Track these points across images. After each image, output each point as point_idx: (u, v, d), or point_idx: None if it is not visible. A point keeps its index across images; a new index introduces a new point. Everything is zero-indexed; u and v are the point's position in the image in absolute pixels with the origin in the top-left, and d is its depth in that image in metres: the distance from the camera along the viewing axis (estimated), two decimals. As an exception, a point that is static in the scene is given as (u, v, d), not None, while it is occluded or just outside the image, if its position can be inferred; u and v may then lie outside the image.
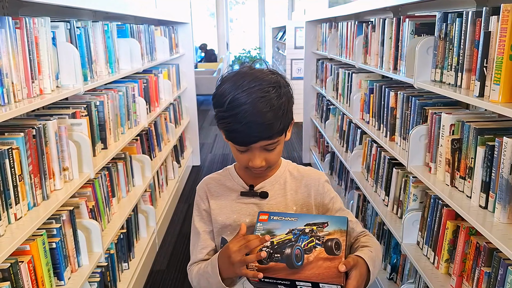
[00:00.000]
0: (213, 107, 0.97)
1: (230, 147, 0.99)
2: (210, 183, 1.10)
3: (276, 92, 0.92)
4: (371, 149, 2.40)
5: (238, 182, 1.07)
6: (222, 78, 0.97)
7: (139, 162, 2.48)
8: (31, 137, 1.38)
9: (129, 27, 2.48)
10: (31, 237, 1.37)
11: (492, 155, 1.27)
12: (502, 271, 1.20)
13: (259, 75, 0.93)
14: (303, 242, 0.91)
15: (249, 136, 0.91)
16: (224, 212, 1.05)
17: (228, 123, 0.90)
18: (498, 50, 1.16)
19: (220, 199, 1.07)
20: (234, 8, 12.66)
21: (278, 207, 1.05)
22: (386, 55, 2.14)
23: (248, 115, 0.88)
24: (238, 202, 1.05)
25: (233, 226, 1.04)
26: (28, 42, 1.36)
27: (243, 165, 0.99)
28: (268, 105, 0.90)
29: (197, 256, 1.07)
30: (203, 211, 1.08)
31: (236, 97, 0.89)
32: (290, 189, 1.07)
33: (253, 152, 0.95)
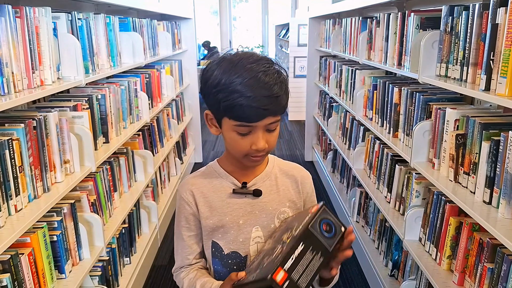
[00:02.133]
0: (205, 94, 0.91)
1: (226, 135, 0.92)
2: (195, 184, 1.01)
3: (276, 66, 0.90)
4: (374, 146, 2.38)
5: (228, 179, 1.00)
6: (209, 66, 0.92)
7: (141, 158, 2.47)
8: (32, 128, 1.38)
9: (131, 20, 2.47)
10: (32, 230, 1.37)
11: (497, 150, 1.25)
12: (506, 267, 1.18)
13: (252, 54, 0.91)
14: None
15: (257, 109, 0.85)
16: (215, 215, 0.98)
17: (234, 99, 0.85)
18: (506, 42, 1.15)
19: (209, 200, 0.99)
20: (238, 6, 12.65)
21: (271, 205, 1.00)
22: (390, 50, 2.12)
23: (255, 88, 0.84)
24: (230, 201, 0.99)
25: (226, 228, 0.98)
26: (29, 32, 1.35)
27: (242, 151, 0.92)
28: (272, 78, 0.87)
29: (184, 261, 1.03)
30: (190, 215, 1.00)
31: (238, 73, 0.85)
32: (282, 184, 1.03)
33: (256, 133, 0.89)
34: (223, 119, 0.90)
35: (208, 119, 0.96)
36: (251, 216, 0.99)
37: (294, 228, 0.86)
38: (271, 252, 0.85)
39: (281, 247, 0.83)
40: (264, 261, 0.85)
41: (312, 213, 0.85)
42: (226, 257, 0.99)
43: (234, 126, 0.89)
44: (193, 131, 4.30)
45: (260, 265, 0.85)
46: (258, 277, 0.80)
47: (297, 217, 0.94)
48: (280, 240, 0.87)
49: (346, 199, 2.93)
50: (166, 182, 3.18)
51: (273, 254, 0.83)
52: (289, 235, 0.85)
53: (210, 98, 0.90)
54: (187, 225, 1.01)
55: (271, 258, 0.82)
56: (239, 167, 0.99)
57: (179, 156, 3.70)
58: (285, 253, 0.79)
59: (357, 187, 2.66)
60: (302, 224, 0.84)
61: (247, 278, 0.84)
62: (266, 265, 0.82)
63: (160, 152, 2.97)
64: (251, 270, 0.87)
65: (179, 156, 3.70)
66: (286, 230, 0.90)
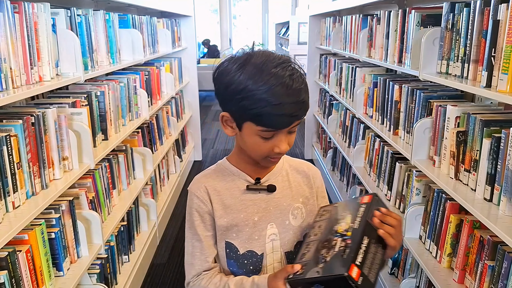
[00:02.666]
0: (225, 99, 0.88)
1: (247, 139, 0.89)
2: (207, 182, 0.98)
3: (297, 68, 0.88)
4: (374, 143, 2.38)
5: (241, 176, 0.97)
6: (228, 69, 0.87)
7: (140, 155, 2.46)
8: (30, 124, 1.37)
9: (131, 17, 2.46)
10: (30, 227, 1.36)
11: (498, 147, 1.24)
12: (507, 265, 1.17)
13: (273, 56, 0.87)
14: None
15: (285, 117, 0.84)
16: (229, 213, 0.96)
17: (261, 107, 0.82)
18: (507, 39, 1.14)
19: (222, 198, 0.96)
20: (238, 5, 12.62)
21: (285, 200, 0.99)
22: (391, 48, 2.11)
23: (282, 95, 0.82)
24: (244, 198, 0.96)
25: (240, 226, 0.96)
26: (27, 28, 1.34)
27: (263, 154, 0.90)
28: (298, 83, 0.85)
29: (203, 265, 0.96)
30: (206, 214, 0.96)
31: (264, 79, 0.82)
32: (294, 180, 1.02)
33: (279, 136, 0.87)
34: (245, 124, 0.88)
35: (224, 120, 0.92)
36: (265, 212, 0.97)
37: (347, 220, 0.87)
38: (329, 245, 0.84)
39: (342, 240, 0.82)
40: (322, 254, 0.83)
41: (366, 204, 0.87)
42: (241, 257, 0.96)
43: (259, 131, 0.86)
44: (193, 129, 4.29)
45: (319, 258, 0.82)
46: (327, 272, 0.78)
47: (344, 207, 0.94)
48: (334, 232, 0.86)
49: (346, 197, 2.92)
50: (165, 180, 3.18)
51: (335, 248, 0.82)
52: (348, 228, 0.85)
53: (232, 103, 0.87)
54: (203, 224, 0.96)
55: (335, 252, 0.81)
56: (251, 164, 0.97)
57: (179, 154, 3.69)
58: (354, 248, 0.79)
59: (357, 185, 2.65)
60: (358, 215, 0.86)
61: (307, 272, 0.81)
62: (331, 259, 0.80)
63: (159, 149, 2.96)
64: (307, 263, 0.84)
65: (179, 154, 3.69)
66: (336, 221, 0.89)
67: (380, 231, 0.84)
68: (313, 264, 0.82)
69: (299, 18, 5.64)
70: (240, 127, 0.90)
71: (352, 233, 0.83)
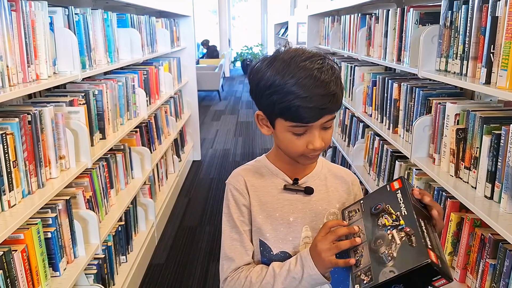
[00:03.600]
0: (256, 96, 0.88)
1: (280, 136, 0.88)
2: (247, 176, 0.96)
3: (329, 61, 0.86)
4: (374, 142, 2.37)
5: (279, 175, 0.96)
6: (259, 66, 0.88)
7: (139, 154, 2.45)
8: (27, 123, 1.36)
9: (129, 17, 2.45)
10: (26, 226, 1.35)
11: (498, 144, 1.23)
12: (508, 263, 1.16)
13: (303, 51, 0.86)
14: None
15: (314, 109, 0.82)
16: (264, 210, 0.94)
17: (289, 101, 0.81)
18: (506, 35, 1.13)
19: (259, 194, 0.95)
20: (237, 6, 12.63)
21: (321, 204, 0.96)
22: (389, 46, 2.10)
23: (310, 88, 0.81)
24: (280, 197, 0.95)
25: (275, 225, 0.94)
26: (24, 26, 1.33)
27: (298, 151, 0.88)
28: (328, 75, 0.83)
29: (243, 258, 0.93)
30: (243, 206, 0.94)
31: (292, 73, 0.82)
32: (331, 185, 0.99)
33: (312, 132, 0.85)
34: (277, 120, 0.87)
35: (259, 119, 0.93)
36: (301, 214, 0.95)
37: (390, 210, 0.83)
38: (385, 241, 0.79)
39: (398, 231, 0.79)
40: (384, 252, 0.78)
41: (401, 189, 0.85)
42: (274, 257, 0.94)
43: (290, 127, 0.86)
44: (192, 129, 4.28)
45: (382, 258, 0.77)
46: (405, 267, 0.73)
47: (373, 200, 0.89)
48: (381, 226, 0.82)
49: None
50: (163, 179, 3.16)
51: (396, 241, 0.78)
52: (396, 217, 0.81)
53: (263, 99, 0.87)
54: (242, 218, 0.95)
55: (399, 244, 0.77)
56: (289, 164, 0.95)
57: (177, 153, 3.68)
58: (419, 234, 0.76)
59: (356, 185, 2.64)
60: (400, 202, 0.83)
61: (378, 275, 0.76)
62: (399, 253, 0.76)
63: (157, 149, 2.95)
64: (368, 267, 0.79)
65: (177, 153, 3.68)
66: (376, 216, 0.85)
67: (434, 212, 0.83)
68: (378, 266, 0.77)
69: (298, 18, 5.64)
70: (273, 125, 0.89)
71: (405, 221, 0.79)
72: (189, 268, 2.45)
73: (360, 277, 0.79)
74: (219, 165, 4.30)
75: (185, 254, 2.61)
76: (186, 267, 2.47)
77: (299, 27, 5.57)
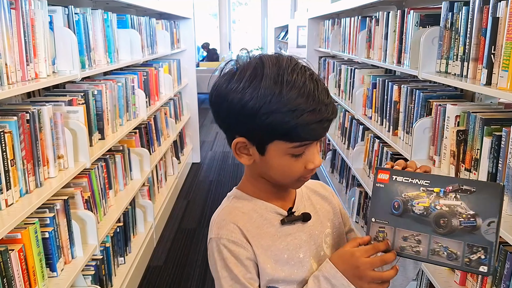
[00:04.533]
0: (238, 121, 0.75)
1: (275, 161, 0.77)
2: (238, 222, 0.80)
3: (306, 65, 0.78)
4: (373, 144, 2.36)
5: (269, 209, 0.82)
6: (232, 87, 0.75)
7: (138, 156, 2.44)
8: (25, 121, 1.35)
9: (129, 18, 2.45)
10: (23, 225, 1.34)
11: (499, 145, 1.23)
12: (509, 265, 1.16)
13: (281, 59, 0.76)
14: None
15: (324, 122, 0.74)
16: (271, 255, 0.79)
17: (296, 117, 0.71)
18: (507, 36, 1.13)
19: (259, 238, 0.80)
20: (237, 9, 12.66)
21: (316, 228, 0.86)
22: (389, 48, 2.10)
23: (314, 100, 0.72)
24: (281, 235, 0.81)
25: (287, 271, 0.80)
26: (24, 24, 1.33)
27: (296, 175, 0.78)
28: (320, 82, 0.76)
29: None
30: (247, 260, 0.78)
31: (287, 87, 0.72)
32: (317, 204, 0.90)
33: (311, 150, 0.77)
34: (271, 145, 0.75)
35: (238, 148, 0.78)
36: (306, 245, 0.83)
37: (412, 195, 0.75)
38: (450, 213, 0.72)
39: (444, 198, 0.72)
40: (459, 223, 0.71)
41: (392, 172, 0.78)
42: None
43: (291, 149, 0.75)
44: (191, 131, 4.27)
45: (466, 228, 0.71)
46: (492, 207, 0.69)
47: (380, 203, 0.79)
48: (426, 211, 0.74)
49: (345, 199, 2.90)
50: (163, 181, 3.16)
51: (456, 205, 0.71)
52: (424, 194, 0.74)
53: (251, 125, 0.74)
54: (250, 275, 0.78)
55: (458, 204, 0.71)
56: (272, 193, 0.83)
57: (177, 155, 3.67)
58: (462, 178, 0.75)
59: (357, 187, 2.63)
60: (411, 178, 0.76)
61: (486, 238, 0.70)
62: (475, 205, 0.70)
63: (157, 150, 2.94)
64: (467, 249, 0.71)
65: (177, 155, 3.67)
66: (406, 211, 0.76)
67: (426, 169, 0.79)
68: (474, 234, 0.70)
69: (298, 22, 5.65)
70: (263, 151, 0.76)
71: (437, 185, 0.73)
72: (188, 271, 2.44)
73: (473, 260, 0.70)
74: (218, 168, 4.29)
75: (184, 256, 2.60)
76: (184, 269, 2.46)
77: (299, 30, 5.58)
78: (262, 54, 0.77)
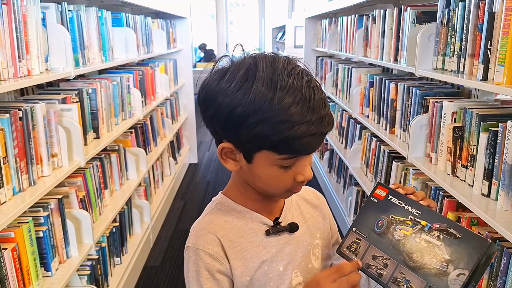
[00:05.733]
0: (226, 127, 0.71)
1: (262, 171, 0.72)
2: (219, 232, 0.76)
3: (305, 69, 0.72)
4: (371, 143, 2.35)
5: (255, 218, 0.79)
6: (226, 86, 0.69)
7: (134, 155, 2.43)
8: (17, 119, 1.33)
9: (124, 16, 2.43)
10: (16, 224, 1.32)
11: (496, 141, 1.22)
12: (505, 260, 1.15)
13: (278, 60, 0.70)
14: None
15: (317, 136, 0.69)
16: (250, 268, 0.76)
17: (288, 129, 0.66)
18: (503, 30, 1.12)
19: (239, 249, 0.76)
20: (234, 10, 12.67)
21: (305, 239, 0.82)
22: (386, 46, 2.09)
23: (309, 111, 0.67)
24: (266, 246, 0.78)
25: (263, 281, 0.77)
26: (16, 20, 1.31)
27: (285, 187, 0.74)
28: (318, 90, 0.70)
29: None
30: (219, 275, 0.75)
31: (281, 93, 0.66)
32: (307, 213, 0.86)
33: (302, 161, 0.72)
34: (259, 154, 0.71)
35: (224, 153, 0.74)
36: (289, 257, 0.80)
37: (398, 218, 0.74)
38: (427, 249, 0.70)
39: (427, 233, 0.70)
40: (431, 262, 0.69)
41: (389, 193, 0.77)
42: None
43: (279, 160, 0.70)
44: (188, 132, 4.26)
45: (435, 269, 0.68)
46: (471, 261, 0.65)
47: (369, 219, 0.77)
48: (400, 240, 0.72)
49: (343, 199, 2.89)
50: (159, 182, 3.14)
51: (434, 243, 0.69)
52: (412, 222, 0.72)
53: (239, 131, 0.69)
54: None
55: (440, 244, 0.69)
56: (259, 201, 0.79)
57: (173, 156, 3.65)
58: (452, 223, 0.69)
59: (354, 186, 2.62)
60: (403, 205, 0.74)
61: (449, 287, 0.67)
62: (450, 252, 0.68)
63: (153, 151, 2.92)
64: (428, 281, 0.69)
65: (173, 156, 3.65)
66: (386, 232, 0.74)
67: (425, 201, 0.76)
68: (440, 278, 0.67)
69: (295, 22, 5.64)
70: (250, 159, 0.72)
71: (426, 219, 0.71)
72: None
73: None
74: (215, 168, 4.28)
75: (181, 257, 2.56)
76: (181, 270, 2.41)
77: (297, 31, 5.57)
78: (258, 54, 0.72)
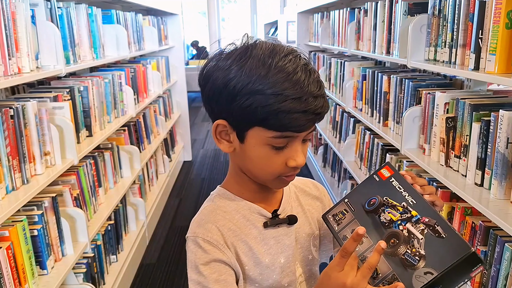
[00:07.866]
0: (218, 101, 0.71)
1: (253, 151, 0.71)
2: (218, 221, 0.76)
3: (306, 59, 0.72)
4: (364, 137, 2.36)
5: (253, 210, 0.78)
6: (219, 66, 0.71)
7: (127, 153, 2.41)
8: (9, 117, 1.32)
9: (115, 13, 2.41)
10: (10, 223, 1.32)
11: (488, 130, 1.23)
12: (499, 249, 1.16)
13: (272, 46, 0.71)
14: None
15: (310, 114, 0.68)
16: (251, 258, 0.76)
17: (278, 103, 0.66)
18: (494, 19, 1.12)
19: (241, 241, 0.76)
20: (226, 7, 12.62)
21: (304, 230, 0.82)
22: (378, 39, 2.10)
23: (301, 86, 0.67)
24: (265, 237, 0.77)
25: (265, 274, 0.76)
26: (4, 17, 1.30)
27: (275, 171, 0.72)
28: (316, 73, 0.70)
29: None
30: (218, 262, 0.73)
31: (277, 69, 0.67)
32: (306, 204, 0.85)
33: (294, 145, 0.71)
34: (252, 130, 0.70)
35: (218, 131, 0.74)
36: (290, 249, 0.79)
37: (392, 202, 0.72)
38: (401, 239, 0.68)
39: (413, 224, 0.68)
40: (408, 252, 0.67)
41: (393, 175, 0.74)
42: None
43: (270, 138, 0.69)
44: (182, 129, 4.24)
45: (409, 260, 0.66)
46: (444, 263, 0.63)
47: (362, 194, 0.76)
48: (388, 224, 0.70)
49: (337, 193, 2.90)
50: (154, 179, 3.13)
51: (416, 236, 0.67)
52: (403, 209, 0.70)
53: (231, 106, 0.69)
54: (224, 283, 0.73)
55: (422, 238, 0.67)
56: (257, 192, 0.78)
57: (167, 153, 3.64)
58: (442, 220, 0.67)
59: (348, 180, 2.63)
60: (400, 190, 0.72)
61: (414, 282, 0.65)
62: (429, 248, 0.65)
63: (147, 148, 2.91)
64: (393, 275, 0.67)
65: (167, 153, 3.64)
66: (375, 212, 0.72)
67: (430, 197, 0.73)
68: (406, 270, 0.65)
69: (288, 17, 5.63)
70: (242, 137, 0.71)
71: (417, 210, 0.69)
72: (181, 268, 2.42)
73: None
74: (210, 166, 4.27)
75: (177, 254, 2.58)
76: (178, 266, 2.44)
77: (289, 26, 5.55)
78: (259, 39, 0.73)
